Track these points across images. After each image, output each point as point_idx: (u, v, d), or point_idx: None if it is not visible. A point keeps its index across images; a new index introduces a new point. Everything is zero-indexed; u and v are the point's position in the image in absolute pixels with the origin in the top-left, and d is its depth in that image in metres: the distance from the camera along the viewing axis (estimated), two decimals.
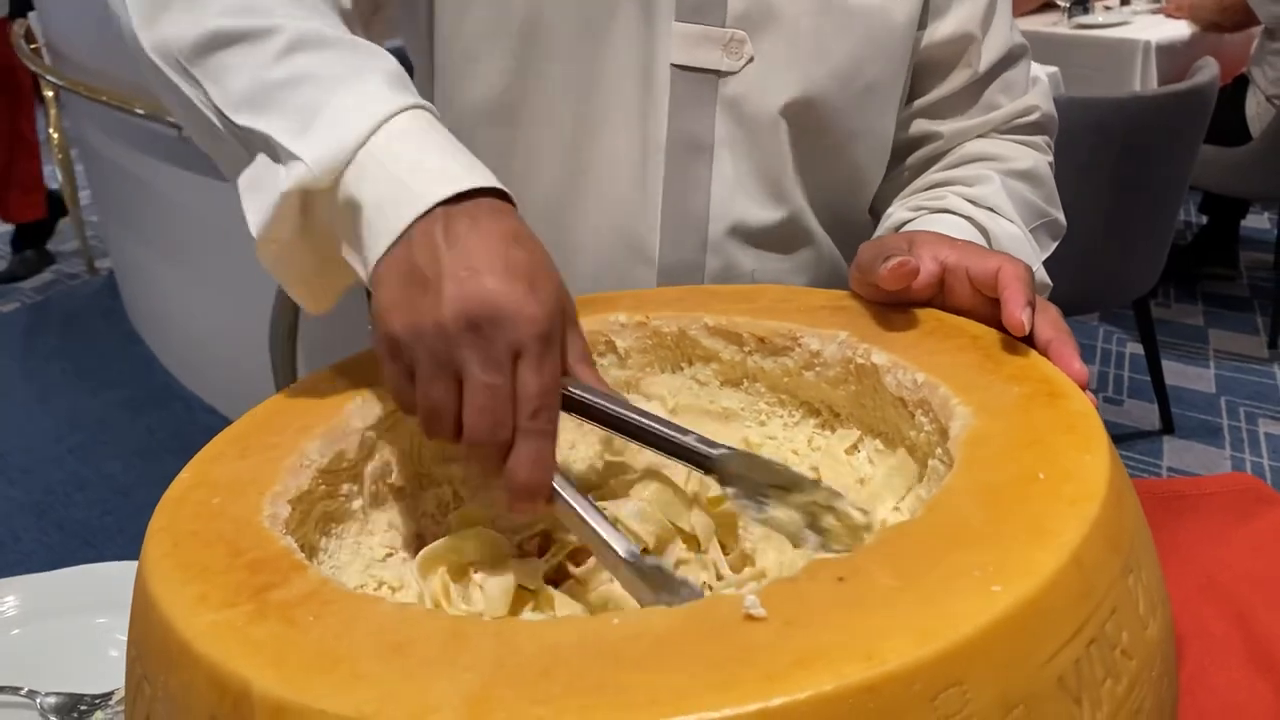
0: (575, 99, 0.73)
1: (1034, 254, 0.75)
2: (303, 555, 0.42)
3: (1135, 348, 2.74)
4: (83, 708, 0.67)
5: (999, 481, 0.41)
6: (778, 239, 0.79)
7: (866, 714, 0.31)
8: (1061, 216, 0.83)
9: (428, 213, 0.50)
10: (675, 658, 0.33)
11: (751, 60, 0.73)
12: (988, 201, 0.74)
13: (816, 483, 0.48)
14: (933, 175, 0.81)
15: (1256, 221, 3.57)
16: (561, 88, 0.73)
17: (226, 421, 0.54)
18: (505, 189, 0.53)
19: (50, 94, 3.47)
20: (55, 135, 3.54)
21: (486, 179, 0.52)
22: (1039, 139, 0.84)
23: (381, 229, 0.50)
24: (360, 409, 0.55)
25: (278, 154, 0.54)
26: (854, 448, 0.59)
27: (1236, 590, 0.56)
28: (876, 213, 0.84)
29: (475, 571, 0.51)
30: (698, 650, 0.33)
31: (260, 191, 0.55)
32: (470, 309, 0.47)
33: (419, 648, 0.35)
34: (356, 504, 0.55)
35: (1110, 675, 0.37)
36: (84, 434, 2.64)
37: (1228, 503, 0.63)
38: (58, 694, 0.68)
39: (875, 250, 0.58)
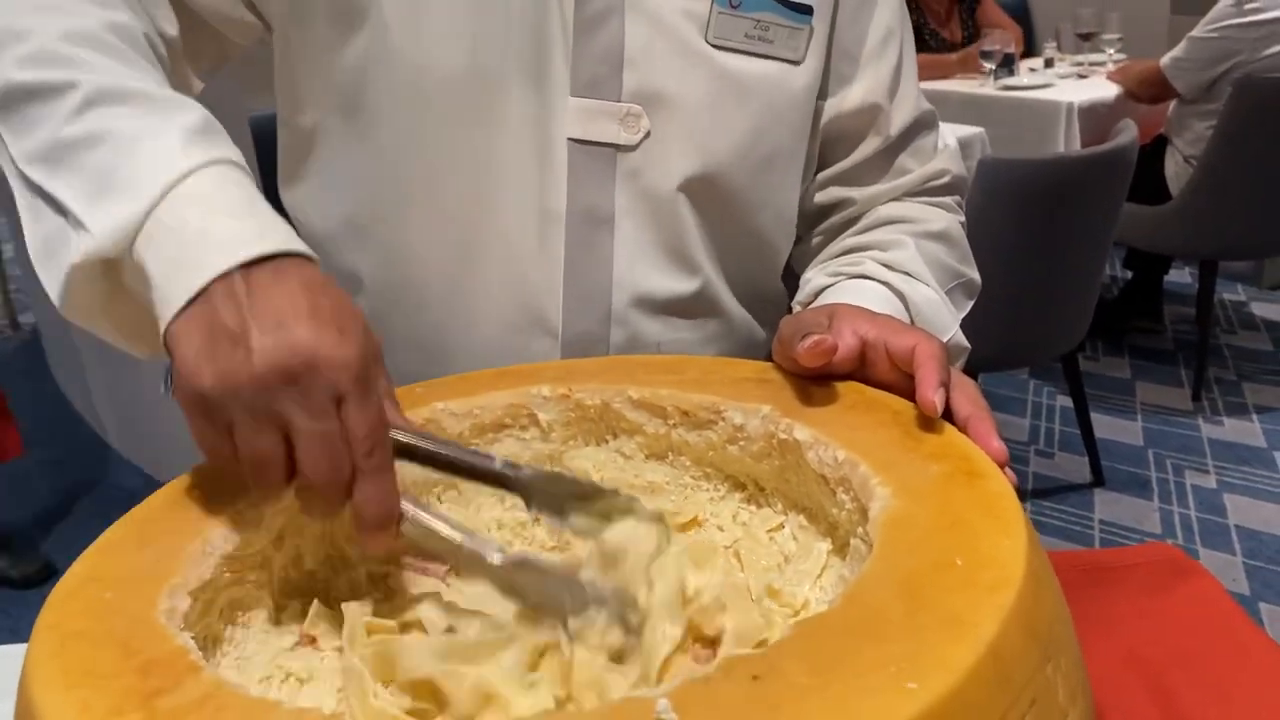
0: (469, 172, 0.72)
1: (951, 317, 0.76)
2: (199, 654, 0.41)
3: (1065, 401, 2.79)
4: None
5: (917, 568, 0.41)
6: (684, 310, 0.79)
7: None
8: (976, 275, 0.84)
9: (225, 274, 0.49)
10: None
11: (649, 134, 0.73)
12: (904, 266, 0.75)
13: (616, 491, 0.52)
14: (848, 240, 0.82)
15: (1178, 276, 3.67)
16: (454, 161, 0.72)
17: (153, 482, 0.52)
18: (303, 250, 0.52)
19: None
20: None
21: (281, 242, 0.51)
22: (950, 199, 0.85)
23: (171, 295, 0.50)
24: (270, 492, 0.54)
25: (70, 221, 0.54)
26: (779, 526, 0.58)
27: (1159, 665, 0.56)
28: (793, 278, 0.84)
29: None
30: None
31: (53, 260, 0.55)
32: (285, 360, 0.47)
33: None
34: (265, 591, 0.53)
35: None
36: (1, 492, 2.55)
37: (1149, 574, 0.63)
38: None
39: (795, 326, 0.58)
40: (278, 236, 0.52)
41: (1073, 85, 3.06)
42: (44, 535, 2.40)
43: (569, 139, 0.72)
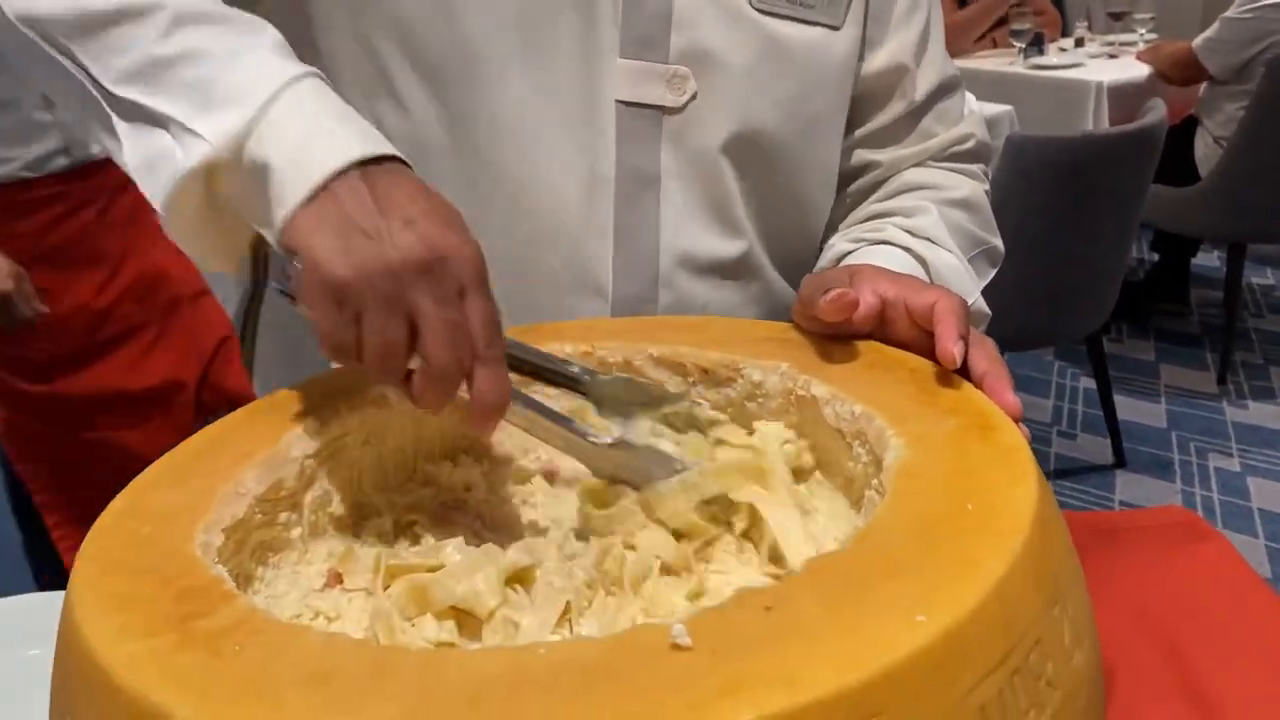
0: (518, 136, 0.73)
1: (972, 283, 0.77)
2: (233, 584, 0.42)
3: (1088, 382, 2.78)
4: None
5: (929, 512, 0.42)
6: (729, 272, 0.79)
7: None
8: (999, 243, 0.84)
9: (343, 171, 0.52)
10: (602, 687, 0.33)
11: (695, 96, 0.74)
12: (926, 232, 0.75)
13: (681, 395, 0.59)
14: (872, 206, 0.82)
15: (1206, 259, 3.64)
16: (503, 125, 0.73)
17: None
18: (402, 156, 0.55)
19: None
20: None
21: (387, 146, 0.55)
22: (975, 167, 0.86)
23: (293, 186, 0.52)
24: (300, 437, 0.55)
25: (175, 132, 0.56)
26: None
27: (1169, 623, 0.57)
28: (821, 244, 0.85)
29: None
30: (624, 680, 0.33)
31: (160, 171, 0.56)
32: (419, 254, 0.50)
33: (344, 678, 0.35)
34: (295, 533, 0.54)
35: (1034, 705, 0.37)
36: None
37: (1162, 536, 0.63)
38: None
39: (816, 284, 0.59)
40: (381, 142, 0.55)
41: (1103, 65, 3.04)
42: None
43: (616, 101, 0.73)
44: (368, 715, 0.33)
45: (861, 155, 0.84)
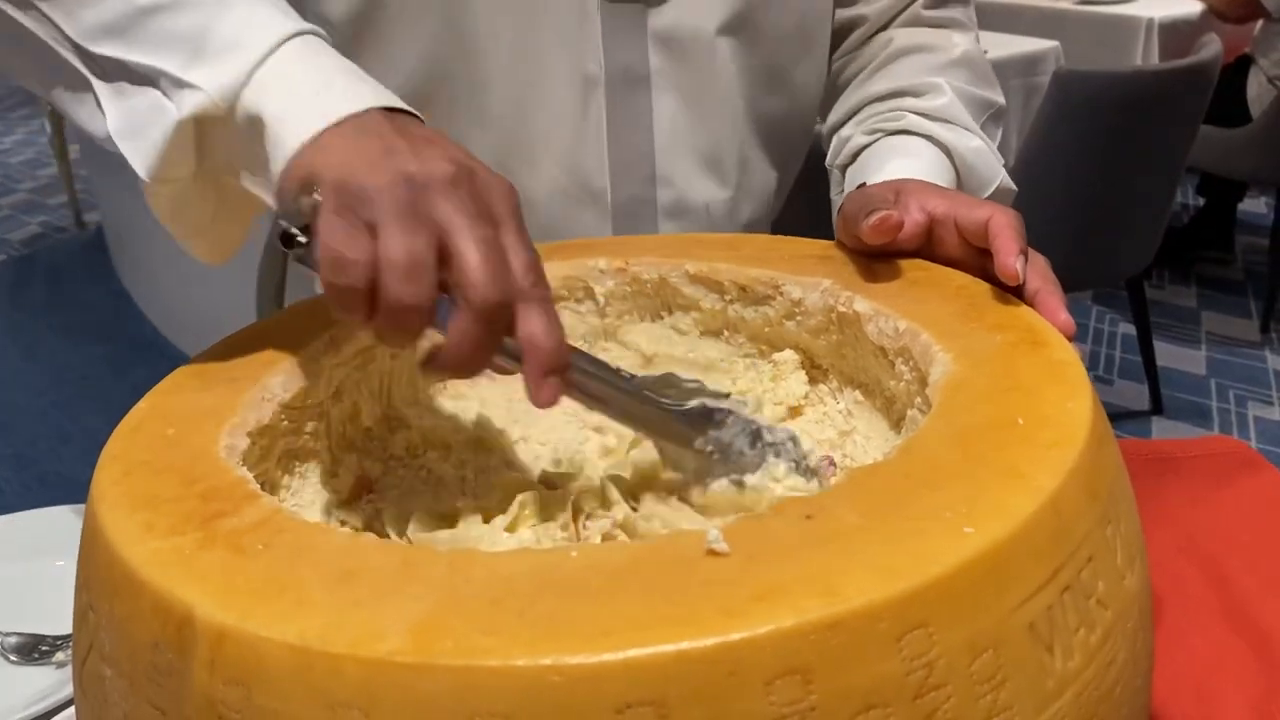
0: (510, 39, 0.71)
1: (997, 160, 0.76)
2: (257, 486, 0.41)
3: (1127, 328, 2.73)
4: (43, 648, 0.66)
5: (976, 425, 0.40)
6: (725, 166, 0.78)
7: (828, 651, 0.30)
8: (1001, 98, 0.83)
9: (363, 111, 0.47)
10: (632, 590, 0.32)
11: None
12: (944, 114, 0.74)
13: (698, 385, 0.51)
14: (875, 85, 0.80)
15: (1253, 205, 3.55)
16: (495, 28, 0.71)
17: None
18: (416, 112, 0.50)
19: None
20: None
21: (397, 101, 0.49)
22: (958, 13, 0.83)
23: (296, 128, 0.46)
24: (329, 346, 0.54)
25: (165, 87, 0.50)
26: (834, 398, 0.58)
27: (1216, 552, 0.55)
28: (820, 118, 0.83)
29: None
30: (656, 583, 0.32)
31: (147, 129, 0.50)
32: (447, 168, 0.44)
33: (369, 576, 0.34)
34: (321, 443, 0.54)
35: (1084, 624, 0.36)
36: (68, 388, 2.62)
37: (1212, 466, 0.62)
38: (18, 634, 0.67)
39: (861, 202, 0.57)
40: (396, 99, 0.49)
41: (1154, 1, 2.94)
42: (106, 432, 2.47)
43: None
44: (392, 612, 0.32)
45: (846, 13, 0.82)
